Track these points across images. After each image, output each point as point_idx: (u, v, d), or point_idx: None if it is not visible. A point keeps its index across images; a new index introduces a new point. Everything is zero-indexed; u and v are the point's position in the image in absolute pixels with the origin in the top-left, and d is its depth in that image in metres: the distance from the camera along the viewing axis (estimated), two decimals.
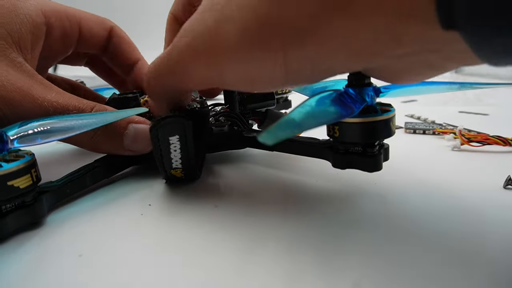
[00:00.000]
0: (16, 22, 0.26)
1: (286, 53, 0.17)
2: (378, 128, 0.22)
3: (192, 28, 0.20)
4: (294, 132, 0.19)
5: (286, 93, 0.42)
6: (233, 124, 0.31)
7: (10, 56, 0.25)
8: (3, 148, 0.21)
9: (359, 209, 0.22)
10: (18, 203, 0.21)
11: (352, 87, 0.22)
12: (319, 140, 0.26)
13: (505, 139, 0.30)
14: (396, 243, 0.19)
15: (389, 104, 0.23)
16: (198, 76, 0.21)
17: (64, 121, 0.23)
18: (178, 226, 0.22)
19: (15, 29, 0.26)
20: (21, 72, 0.25)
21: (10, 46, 0.25)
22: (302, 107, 0.19)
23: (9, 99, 0.24)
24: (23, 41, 0.26)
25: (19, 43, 0.26)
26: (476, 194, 0.23)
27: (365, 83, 0.22)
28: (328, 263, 0.18)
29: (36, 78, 0.25)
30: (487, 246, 0.18)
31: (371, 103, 0.22)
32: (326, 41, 0.16)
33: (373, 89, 0.22)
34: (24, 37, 0.26)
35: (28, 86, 0.25)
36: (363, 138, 0.22)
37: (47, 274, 0.18)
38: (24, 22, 0.27)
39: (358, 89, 0.22)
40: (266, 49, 0.17)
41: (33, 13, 0.27)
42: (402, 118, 0.43)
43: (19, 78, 0.25)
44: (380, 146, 0.23)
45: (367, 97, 0.22)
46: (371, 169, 0.23)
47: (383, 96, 0.23)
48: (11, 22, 0.26)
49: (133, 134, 0.26)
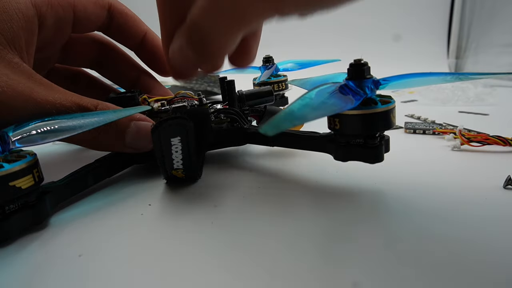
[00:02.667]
0: (7, 20, 0.25)
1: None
2: (379, 119, 0.22)
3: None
4: (294, 123, 0.19)
5: (282, 89, 0.42)
6: (232, 120, 0.31)
7: (6, 58, 0.24)
8: (5, 148, 0.21)
9: (359, 209, 0.22)
10: (22, 203, 0.21)
11: (352, 80, 0.22)
12: (319, 133, 0.26)
13: (505, 139, 0.30)
14: (396, 243, 0.19)
15: (389, 96, 0.23)
16: (255, 6, 0.17)
17: (66, 121, 0.22)
18: (178, 226, 0.22)
19: (6, 28, 0.24)
20: (19, 73, 0.24)
21: (4, 47, 0.24)
22: (302, 99, 0.20)
23: (10, 105, 0.23)
24: (17, 39, 0.25)
25: (13, 42, 0.25)
26: (476, 194, 0.23)
27: (364, 75, 0.22)
28: (328, 263, 0.18)
29: (36, 78, 0.25)
30: (486, 246, 0.18)
31: (371, 95, 0.22)
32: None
33: (373, 81, 0.23)
34: (17, 35, 0.25)
35: (29, 90, 0.24)
36: (364, 130, 0.22)
37: (51, 276, 0.18)
38: (15, 19, 0.25)
39: (357, 82, 0.22)
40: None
41: (23, 7, 0.26)
42: (402, 118, 0.44)
43: (19, 81, 0.24)
44: (381, 137, 0.24)
45: (366, 89, 0.22)
46: (373, 160, 0.23)
47: (383, 88, 0.23)
48: (1, 20, 0.24)
49: (135, 131, 0.26)
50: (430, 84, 0.25)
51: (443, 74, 0.23)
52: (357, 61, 0.23)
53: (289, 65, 0.45)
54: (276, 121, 0.17)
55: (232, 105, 0.32)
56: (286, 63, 0.45)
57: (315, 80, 0.28)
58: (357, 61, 0.23)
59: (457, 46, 0.98)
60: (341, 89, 0.22)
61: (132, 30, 0.35)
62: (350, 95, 0.22)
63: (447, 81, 0.23)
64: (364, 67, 0.22)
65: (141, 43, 0.35)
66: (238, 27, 0.18)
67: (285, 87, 0.42)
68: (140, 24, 0.35)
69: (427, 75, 0.23)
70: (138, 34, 0.35)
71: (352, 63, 0.23)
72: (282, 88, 0.42)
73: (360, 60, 0.23)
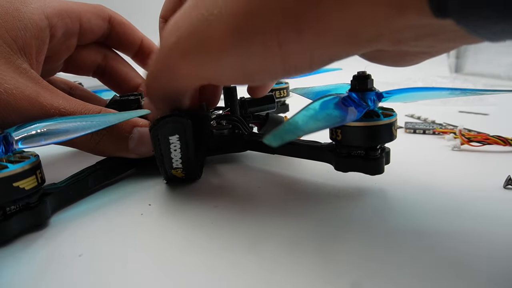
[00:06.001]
0: (20, 27, 0.26)
1: (283, 44, 0.16)
2: (381, 132, 0.22)
3: (179, 26, 0.19)
4: (298, 134, 0.19)
5: (283, 97, 0.43)
6: (234, 127, 0.31)
7: (15, 63, 0.25)
8: (8, 149, 0.21)
9: (359, 209, 0.23)
10: (23, 205, 0.21)
11: (355, 92, 0.23)
12: (321, 143, 0.26)
13: (505, 139, 0.31)
14: (396, 243, 0.19)
15: (391, 109, 0.24)
16: (191, 75, 0.20)
17: (68, 122, 0.23)
18: (178, 226, 0.22)
19: (19, 35, 0.26)
20: (27, 79, 0.25)
21: (15, 53, 0.25)
22: (306, 110, 0.20)
23: (18, 107, 0.24)
24: (27, 47, 0.26)
25: (24, 49, 0.26)
26: (476, 194, 0.24)
27: (367, 88, 0.23)
28: (328, 263, 0.18)
29: (42, 85, 0.26)
30: (487, 246, 0.19)
31: (373, 107, 0.23)
32: (326, 29, 0.16)
33: (376, 94, 0.23)
34: (29, 43, 0.26)
35: (36, 94, 0.25)
36: (366, 142, 0.23)
37: (51, 276, 0.18)
38: (28, 28, 0.26)
39: (360, 94, 0.22)
40: (260, 42, 0.17)
41: (36, 18, 0.27)
42: (402, 118, 0.44)
43: (27, 85, 0.25)
44: (382, 149, 0.24)
45: (369, 101, 0.23)
46: (373, 172, 0.23)
47: (385, 101, 0.24)
48: (15, 28, 0.26)
49: (138, 137, 0.27)
50: (433, 98, 0.25)
51: (446, 89, 0.23)
52: (361, 74, 0.23)
53: None
54: (281, 132, 0.17)
55: (234, 112, 0.32)
56: None
57: (318, 90, 0.29)
58: (360, 74, 0.23)
59: None
60: (343, 100, 0.22)
61: (130, 38, 0.37)
62: (352, 106, 0.22)
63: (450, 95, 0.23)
64: (368, 79, 0.23)
65: (138, 49, 0.38)
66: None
67: (286, 94, 0.42)
68: (136, 32, 0.38)
69: (430, 90, 0.23)
70: (136, 41, 0.38)
71: (356, 75, 0.23)
72: (283, 95, 0.42)
73: (363, 73, 0.23)
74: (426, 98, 0.25)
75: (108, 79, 0.39)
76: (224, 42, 0.17)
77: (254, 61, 0.18)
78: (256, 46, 0.17)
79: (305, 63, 0.17)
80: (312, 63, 0.17)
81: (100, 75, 0.38)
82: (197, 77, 0.21)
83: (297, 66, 0.17)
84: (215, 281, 0.17)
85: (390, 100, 0.24)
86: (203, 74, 0.20)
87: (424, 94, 0.23)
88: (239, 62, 0.18)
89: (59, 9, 0.30)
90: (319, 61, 0.17)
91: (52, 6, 0.29)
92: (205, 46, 0.18)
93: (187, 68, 0.20)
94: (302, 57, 0.17)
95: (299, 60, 0.17)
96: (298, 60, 0.17)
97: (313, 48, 0.16)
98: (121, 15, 0.37)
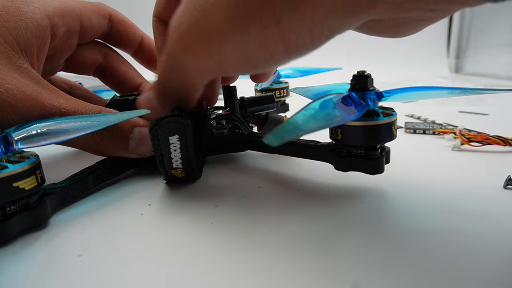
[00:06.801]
0: (22, 27, 0.26)
1: (280, 21, 0.16)
2: (381, 131, 0.22)
3: (179, 22, 0.19)
4: (298, 134, 0.19)
5: (283, 96, 0.43)
6: (234, 127, 0.31)
7: (17, 63, 0.25)
8: (8, 149, 0.21)
9: (359, 209, 0.23)
10: (23, 205, 0.21)
11: (354, 91, 0.23)
12: (321, 142, 0.26)
13: (505, 139, 0.31)
14: (396, 243, 0.19)
15: (391, 108, 0.24)
16: (197, 68, 0.21)
17: (68, 122, 0.23)
18: (178, 226, 0.22)
19: (21, 35, 0.26)
20: (28, 78, 0.25)
21: (16, 52, 0.25)
22: (306, 109, 0.20)
23: (19, 107, 0.24)
24: (29, 46, 0.26)
25: (25, 48, 0.26)
26: (476, 194, 0.24)
27: (367, 87, 0.23)
28: (327, 263, 0.18)
29: (43, 84, 0.26)
30: (487, 246, 0.19)
31: (373, 107, 0.23)
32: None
33: (375, 93, 0.23)
34: (30, 42, 0.26)
35: (37, 94, 0.25)
36: (366, 141, 0.23)
37: (51, 276, 0.18)
38: (30, 27, 0.26)
39: (360, 93, 0.22)
40: (258, 24, 0.17)
41: (38, 17, 0.27)
42: (402, 118, 0.44)
43: (28, 85, 0.25)
44: (382, 149, 0.24)
45: (369, 101, 0.22)
46: (373, 171, 0.23)
47: (385, 100, 0.24)
48: (17, 28, 0.26)
49: (138, 137, 0.27)
50: (433, 97, 0.25)
51: (446, 89, 0.23)
52: (361, 73, 0.23)
53: (290, 72, 0.45)
54: (281, 132, 0.17)
55: (234, 111, 0.32)
56: (287, 70, 0.45)
57: (318, 90, 0.29)
58: (360, 73, 0.23)
59: (457, 45, 0.98)
60: (343, 100, 0.22)
61: (130, 35, 0.37)
62: (352, 106, 0.22)
63: (450, 95, 0.23)
64: (367, 79, 0.23)
65: (139, 47, 0.38)
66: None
67: (286, 94, 0.42)
68: (136, 30, 0.38)
69: (430, 89, 0.23)
70: (136, 39, 0.37)
71: (356, 74, 0.23)
72: (283, 95, 0.42)
73: (363, 72, 0.23)
74: (425, 97, 0.25)
75: (108, 78, 0.39)
76: (223, 28, 0.18)
77: (254, 44, 0.18)
78: (254, 28, 0.17)
79: (306, 39, 0.17)
80: (312, 37, 0.17)
81: (101, 74, 0.38)
82: (204, 69, 0.21)
83: (298, 44, 0.17)
84: (215, 281, 0.17)
85: (390, 100, 0.24)
86: (208, 65, 0.20)
87: (424, 94, 0.23)
88: (240, 47, 0.18)
89: (60, 8, 0.30)
90: (319, 35, 0.17)
91: (53, 5, 0.29)
92: (205, 36, 0.18)
93: (192, 61, 0.20)
94: (301, 33, 0.17)
95: (299, 37, 0.17)
96: (298, 37, 0.17)
97: (311, 21, 0.16)
98: (121, 13, 0.37)
